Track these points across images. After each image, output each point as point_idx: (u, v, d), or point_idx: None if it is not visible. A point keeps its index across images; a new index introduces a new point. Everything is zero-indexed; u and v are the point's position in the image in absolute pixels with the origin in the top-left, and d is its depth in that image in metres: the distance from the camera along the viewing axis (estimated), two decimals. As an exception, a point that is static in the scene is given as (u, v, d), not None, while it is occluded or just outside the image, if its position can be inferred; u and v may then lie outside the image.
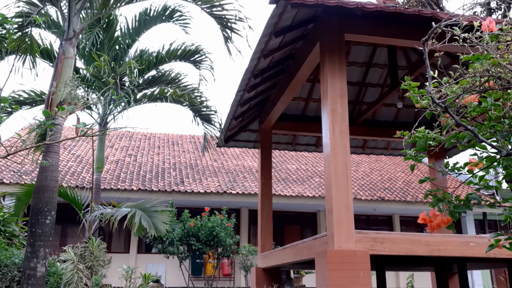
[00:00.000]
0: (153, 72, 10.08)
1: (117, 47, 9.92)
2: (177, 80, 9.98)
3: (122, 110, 9.22)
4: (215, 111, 10.00)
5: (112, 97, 8.24)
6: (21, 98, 9.06)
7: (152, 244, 11.62)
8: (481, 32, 1.75)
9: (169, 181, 13.91)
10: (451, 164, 1.98)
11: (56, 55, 7.04)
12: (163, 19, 9.59)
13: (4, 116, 7.16)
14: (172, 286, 13.33)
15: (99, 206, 8.00)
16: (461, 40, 1.74)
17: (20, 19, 6.48)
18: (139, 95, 9.92)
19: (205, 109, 9.98)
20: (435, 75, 1.80)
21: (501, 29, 1.76)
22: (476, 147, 1.88)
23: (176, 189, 13.31)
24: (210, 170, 15.63)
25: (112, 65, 8.71)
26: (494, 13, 13.16)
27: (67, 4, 6.60)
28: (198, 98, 9.85)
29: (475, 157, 1.92)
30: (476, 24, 1.76)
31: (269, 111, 7.45)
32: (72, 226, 13.06)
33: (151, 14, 9.57)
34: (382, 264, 6.10)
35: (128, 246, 14.14)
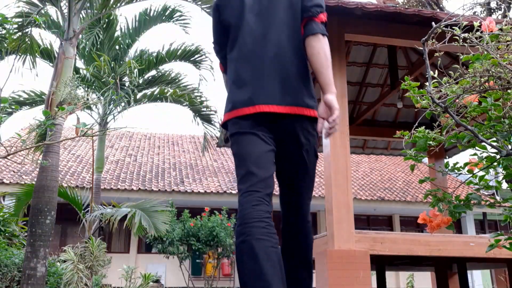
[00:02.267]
0: (153, 72, 10.08)
1: (117, 47, 9.92)
2: (177, 80, 9.98)
3: (122, 110, 9.23)
4: (215, 111, 10.01)
5: (112, 97, 8.25)
6: (21, 99, 9.06)
7: (152, 244, 11.62)
8: (481, 32, 1.75)
9: (169, 181, 13.90)
10: (451, 164, 1.98)
11: (56, 55, 7.04)
12: (163, 19, 9.60)
13: (4, 116, 7.16)
14: (172, 286, 13.33)
15: (99, 206, 7.99)
16: (461, 40, 1.74)
17: (20, 19, 6.48)
18: (139, 95, 9.92)
19: (205, 109, 9.98)
20: (435, 75, 1.80)
21: (501, 29, 1.76)
22: (476, 147, 1.88)
23: (176, 189, 13.31)
24: (210, 170, 15.63)
25: (112, 65, 8.71)
26: (494, 13, 13.15)
27: (67, 4, 6.60)
28: (198, 98, 9.86)
29: (475, 157, 1.92)
30: (476, 24, 1.76)
31: (269, 111, 7.44)
32: (72, 226, 13.06)
33: (151, 14, 9.57)
34: (382, 264, 6.11)
35: (128, 246, 14.13)
